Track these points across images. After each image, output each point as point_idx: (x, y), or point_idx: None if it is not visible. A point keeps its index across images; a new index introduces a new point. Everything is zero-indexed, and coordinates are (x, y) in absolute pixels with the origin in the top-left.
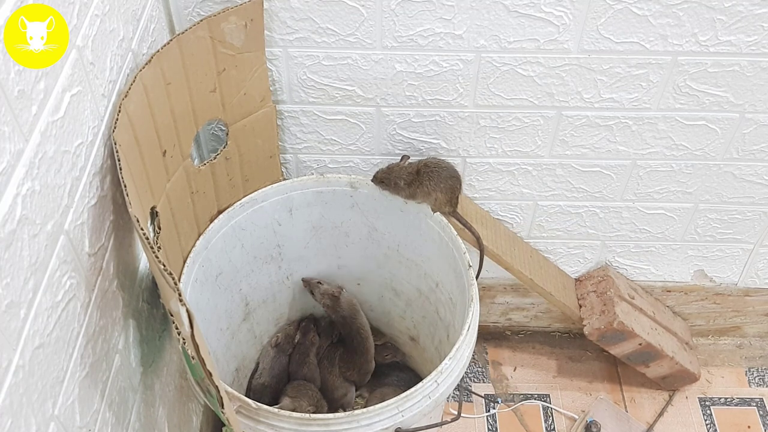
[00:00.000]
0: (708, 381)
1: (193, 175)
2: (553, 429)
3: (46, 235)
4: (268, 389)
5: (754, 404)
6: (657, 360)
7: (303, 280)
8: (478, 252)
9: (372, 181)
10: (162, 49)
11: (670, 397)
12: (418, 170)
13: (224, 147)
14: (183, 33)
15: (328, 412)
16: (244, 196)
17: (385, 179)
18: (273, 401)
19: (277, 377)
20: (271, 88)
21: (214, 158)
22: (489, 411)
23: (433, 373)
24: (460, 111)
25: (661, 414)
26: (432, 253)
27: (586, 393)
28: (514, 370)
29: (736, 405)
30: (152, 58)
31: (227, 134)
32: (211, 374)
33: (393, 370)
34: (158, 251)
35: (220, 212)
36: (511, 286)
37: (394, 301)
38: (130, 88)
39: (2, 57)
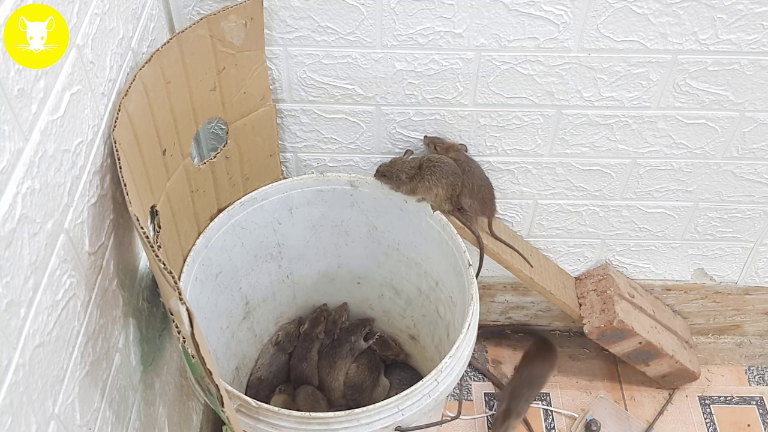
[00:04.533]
0: (708, 379)
1: (193, 173)
2: (553, 428)
3: (46, 234)
4: (265, 383)
5: (754, 402)
6: (657, 358)
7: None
8: (478, 251)
9: (374, 175)
10: (162, 47)
11: (670, 395)
12: (421, 165)
13: (224, 146)
14: (183, 32)
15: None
16: (244, 195)
17: (387, 173)
18: (268, 396)
19: (274, 373)
20: (271, 87)
21: (214, 157)
22: (489, 410)
23: (433, 372)
24: (460, 110)
25: (661, 412)
26: (432, 251)
27: (586, 391)
28: (515, 368)
29: (735, 403)
30: (152, 56)
31: (227, 133)
32: (211, 373)
33: (393, 369)
34: (158, 250)
35: (220, 211)
36: (511, 285)
37: (394, 299)
38: (129, 87)
39: (2, 57)
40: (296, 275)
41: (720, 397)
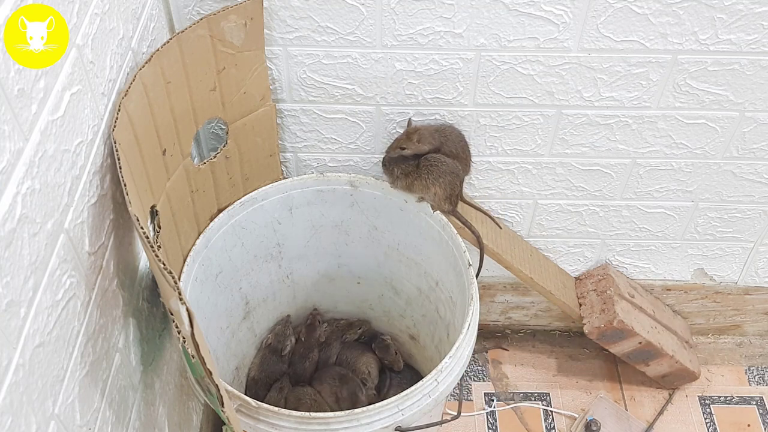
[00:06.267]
0: (708, 379)
1: (193, 173)
2: (553, 428)
3: (46, 234)
4: (259, 383)
5: (754, 402)
6: (657, 358)
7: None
8: (478, 251)
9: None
10: (162, 47)
11: (670, 395)
12: (419, 163)
13: (224, 146)
14: (183, 32)
15: None
16: (244, 195)
17: (387, 163)
18: (264, 395)
19: (266, 371)
20: (270, 87)
21: (214, 157)
22: (489, 409)
23: (433, 372)
24: (459, 110)
25: (661, 412)
26: (432, 251)
27: (586, 391)
28: (514, 368)
29: (735, 403)
30: (152, 56)
31: (227, 133)
32: (211, 373)
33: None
34: (158, 250)
35: (220, 211)
36: (511, 285)
37: (394, 299)
38: (129, 87)
39: (2, 57)
40: (296, 275)
41: (720, 397)
